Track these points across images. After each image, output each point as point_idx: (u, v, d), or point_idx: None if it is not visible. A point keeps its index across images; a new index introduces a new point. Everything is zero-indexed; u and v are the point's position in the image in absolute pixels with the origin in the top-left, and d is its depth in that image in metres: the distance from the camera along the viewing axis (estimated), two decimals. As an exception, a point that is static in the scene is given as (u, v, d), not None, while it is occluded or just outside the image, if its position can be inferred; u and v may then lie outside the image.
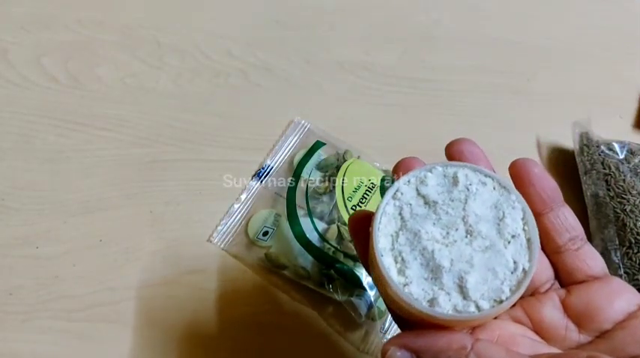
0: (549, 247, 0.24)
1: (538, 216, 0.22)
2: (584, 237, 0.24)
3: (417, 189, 0.22)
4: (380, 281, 0.21)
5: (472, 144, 0.24)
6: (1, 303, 0.37)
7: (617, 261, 0.38)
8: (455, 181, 0.22)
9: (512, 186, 0.22)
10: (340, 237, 0.39)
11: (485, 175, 0.22)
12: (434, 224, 0.21)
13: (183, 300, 0.38)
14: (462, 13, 0.53)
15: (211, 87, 0.47)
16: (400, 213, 0.22)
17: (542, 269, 0.23)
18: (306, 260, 0.38)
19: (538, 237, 0.21)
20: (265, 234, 0.40)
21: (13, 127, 0.44)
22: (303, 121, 0.45)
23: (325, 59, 0.50)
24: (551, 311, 0.22)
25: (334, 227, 0.39)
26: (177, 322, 0.37)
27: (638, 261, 0.38)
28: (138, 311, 0.38)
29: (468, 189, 0.22)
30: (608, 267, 0.38)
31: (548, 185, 0.24)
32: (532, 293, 0.23)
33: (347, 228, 0.39)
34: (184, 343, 0.37)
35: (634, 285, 0.38)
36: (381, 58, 0.50)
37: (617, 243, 0.39)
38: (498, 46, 0.51)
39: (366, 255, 0.22)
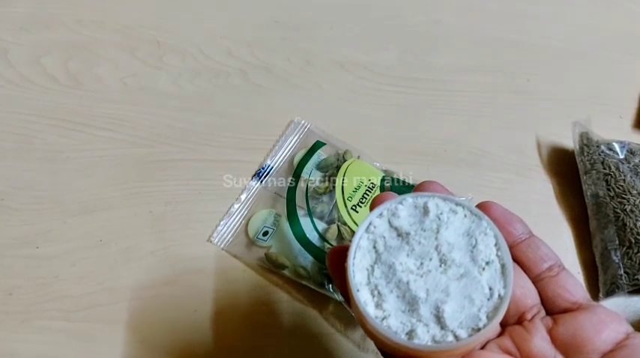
0: (528, 277, 0.24)
1: (509, 248, 0.22)
2: (561, 263, 0.24)
3: (390, 221, 0.22)
4: (358, 317, 0.21)
5: (437, 185, 0.24)
6: (1, 303, 0.37)
7: (617, 261, 0.38)
8: (426, 211, 0.22)
9: (483, 213, 0.22)
10: (340, 236, 0.39)
11: (456, 204, 0.22)
12: (407, 255, 0.21)
13: (183, 300, 0.38)
14: (461, 13, 0.53)
15: (211, 87, 0.47)
16: (374, 246, 0.22)
17: (527, 294, 0.23)
18: (306, 260, 0.38)
19: (512, 262, 0.21)
20: (265, 234, 0.40)
21: (13, 127, 0.44)
22: (303, 121, 0.45)
23: (325, 59, 0.50)
24: (540, 342, 0.22)
25: (334, 227, 0.39)
26: (177, 322, 0.37)
27: (638, 261, 0.38)
28: (138, 311, 0.38)
29: (439, 219, 0.22)
30: (608, 267, 0.39)
31: (511, 218, 0.24)
32: (519, 319, 0.23)
33: (347, 228, 0.39)
34: (184, 343, 0.37)
35: (634, 285, 0.38)
36: (381, 58, 0.50)
37: (617, 242, 0.39)
38: (498, 46, 0.51)
39: (345, 290, 0.22)
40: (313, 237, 0.39)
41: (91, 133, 0.44)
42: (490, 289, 0.21)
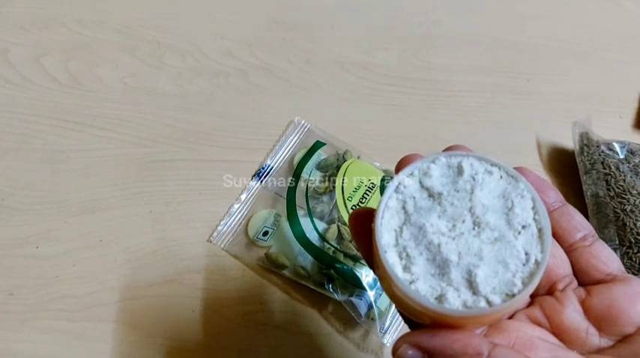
0: (560, 247, 0.23)
1: None
2: (595, 234, 0.23)
3: (421, 182, 0.21)
4: (385, 279, 0.20)
5: (466, 149, 0.23)
6: (1, 303, 0.37)
7: (617, 261, 0.38)
8: (460, 171, 0.21)
9: (520, 175, 0.21)
10: (340, 236, 0.39)
11: (492, 164, 0.21)
12: (439, 216, 0.20)
13: (183, 300, 0.38)
14: (462, 13, 0.53)
15: (211, 87, 0.47)
16: (404, 207, 0.21)
17: (559, 264, 0.22)
18: (306, 260, 0.38)
19: (550, 226, 0.20)
20: (265, 234, 0.40)
21: (13, 127, 0.44)
22: (303, 121, 0.45)
23: (325, 59, 0.50)
24: (571, 313, 0.21)
25: (334, 227, 0.39)
26: (178, 322, 0.37)
27: (638, 261, 0.38)
28: (138, 311, 0.38)
29: (473, 179, 0.21)
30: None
31: (544, 185, 0.23)
32: (549, 290, 0.22)
33: (347, 228, 0.39)
34: (184, 343, 0.37)
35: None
36: (381, 58, 0.50)
37: (617, 242, 0.39)
38: (498, 46, 0.51)
39: (369, 253, 0.21)
40: (313, 237, 0.39)
41: (91, 133, 0.44)
42: (526, 254, 0.19)
